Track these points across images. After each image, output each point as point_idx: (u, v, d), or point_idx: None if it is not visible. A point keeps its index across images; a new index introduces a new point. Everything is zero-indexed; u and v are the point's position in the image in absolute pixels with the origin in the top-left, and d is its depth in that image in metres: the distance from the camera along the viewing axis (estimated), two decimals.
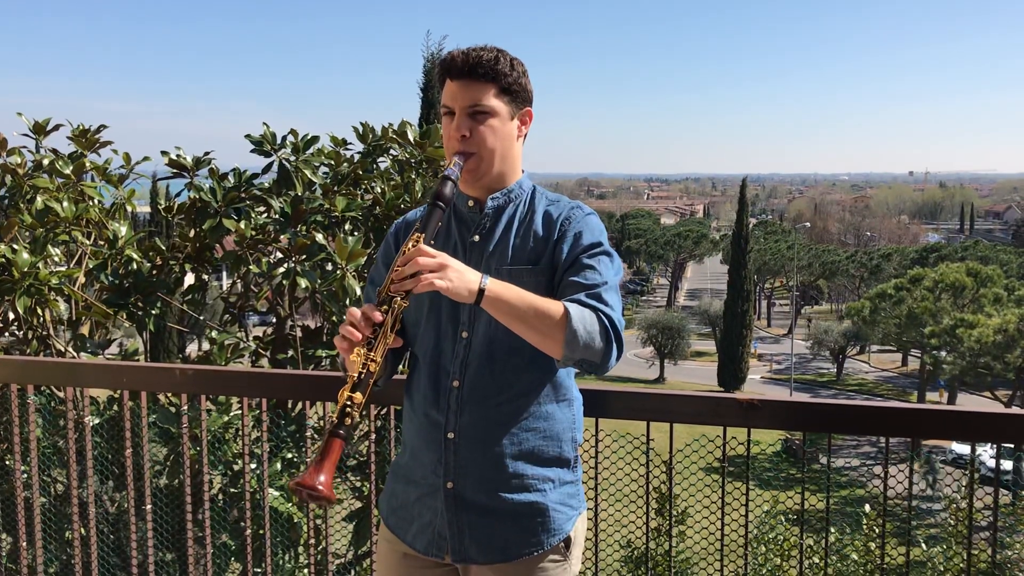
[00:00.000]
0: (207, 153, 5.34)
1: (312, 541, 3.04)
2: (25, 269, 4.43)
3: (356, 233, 5.06)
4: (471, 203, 2.06)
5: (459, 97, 1.97)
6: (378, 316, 1.78)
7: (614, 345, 1.86)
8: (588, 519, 2.47)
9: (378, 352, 1.77)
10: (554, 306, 1.82)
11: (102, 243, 5.15)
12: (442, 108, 2.03)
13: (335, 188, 5.33)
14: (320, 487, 1.68)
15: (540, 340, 1.84)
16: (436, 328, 2.02)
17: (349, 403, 1.74)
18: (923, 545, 5.12)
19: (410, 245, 1.82)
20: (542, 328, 1.81)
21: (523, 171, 2.12)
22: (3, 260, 4.48)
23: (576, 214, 2.02)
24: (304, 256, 4.84)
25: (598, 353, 1.85)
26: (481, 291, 1.78)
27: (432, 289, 1.76)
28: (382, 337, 1.78)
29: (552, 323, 1.80)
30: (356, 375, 1.76)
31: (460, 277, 1.77)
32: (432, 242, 1.86)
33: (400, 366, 2.21)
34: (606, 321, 1.85)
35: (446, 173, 1.93)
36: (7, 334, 5.04)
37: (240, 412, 3.35)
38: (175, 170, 5.27)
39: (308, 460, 3.15)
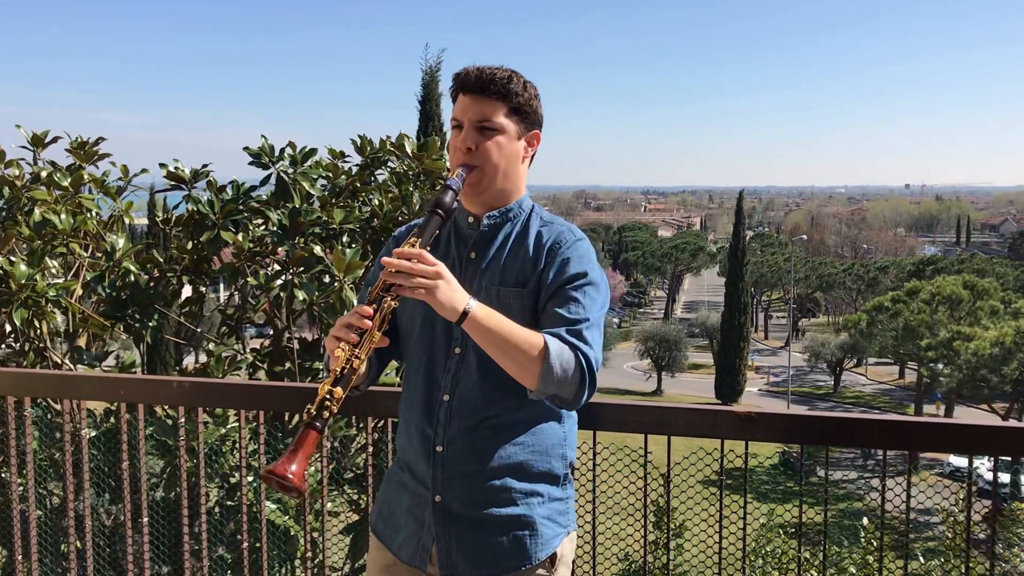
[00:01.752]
0: (205, 165, 5.35)
1: (309, 554, 3.03)
2: (22, 281, 4.43)
3: (354, 245, 5.06)
4: (471, 220, 2.07)
5: (469, 111, 1.99)
6: (368, 311, 1.79)
7: (587, 386, 1.89)
8: (586, 532, 2.47)
9: (363, 350, 1.78)
10: (534, 339, 1.84)
11: (100, 255, 5.15)
12: (452, 121, 2.05)
13: (333, 200, 5.33)
14: (291, 476, 1.67)
15: (516, 370, 1.86)
16: (430, 342, 2.03)
17: (329, 397, 1.74)
18: (921, 558, 5.10)
19: (407, 249, 1.84)
20: (520, 359, 1.84)
21: (526, 192, 2.13)
22: (0, 272, 4.48)
23: (566, 239, 2.01)
24: (302, 268, 4.84)
25: (571, 391, 1.87)
26: (465, 313, 1.80)
27: (419, 297, 1.79)
28: (368, 335, 1.78)
29: (530, 356, 1.83)
30: (339, 370, 1.76)
31: (449, 293, 1.80)
32: (428, 249, 1.87)
33: (381, 376, 2.23)
34: (583, 361, 1.87)
35: (448, 183, 1.95)
36: (4, 346, 5.04)
37: (237, 424, 3.35)
38: (173, 182, 5.28)
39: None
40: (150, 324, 4.94)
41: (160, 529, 3.79)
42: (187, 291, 5.45)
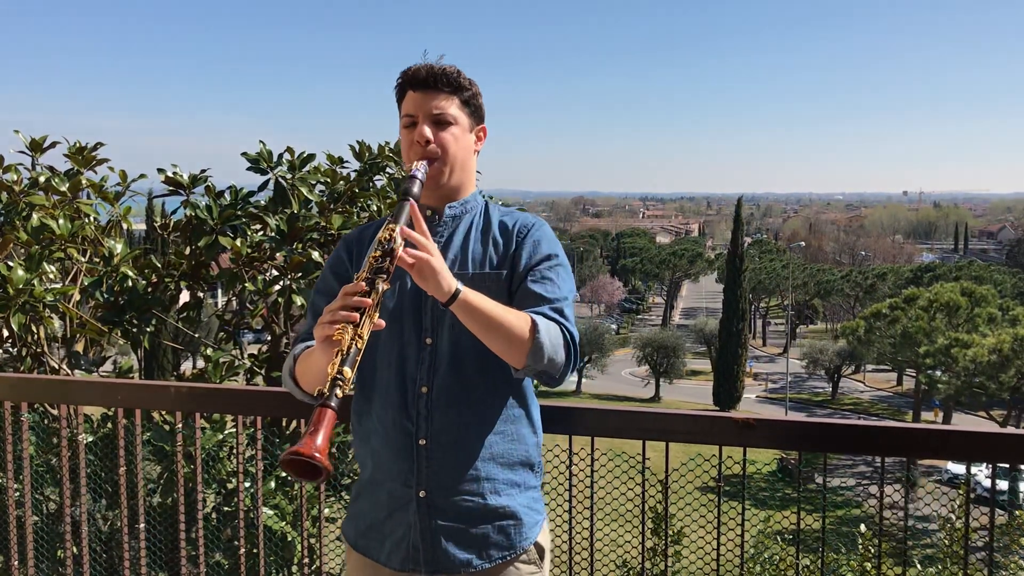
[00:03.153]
0: (203, 171, 5.35)
1: (306, 560, 3.03)
2: (20, 286, 4.42)
3: None
4: (429, 212, 2.08)
5: (423, 105, 2.02)
6: (364, 288, 1.75)
7: (572, 360, 1.93)
8: (584, 539, 2.47)
9: (364, 329, 1.74)
10: (521, 317, 1.86)
11: (97, 260, 5.15)
12: (403, 119, 2.06)
13: (331, 206, 5.34)
14: (317, 455, 1.55)
15: (505, 348, 1.86)
16: (399, 336, 2.01)
17: (339, 376, 1.68)
18: (918, 565, 5.09)
19: (385, 235, 1.81)
20: (509, 336, 1.84)
21: (476, 187, 2.16)
22: None
23: (531, 222, 2.08)
24: (300, 274, 4.85)
25: (558, 366, 1.90)
26: (456, 293, 1.80)
27: (424, 264, 1.76)
28: (368, 315, 1.75)
29: (520, 333, 1.84)
30: (344, 350, 1.71)
31: (445, 271, 1.80)
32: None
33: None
34: (568, 337, 1.91)
35: (412, 173, 1.95)
36: (1, 351, 5.03)
37: (234, 430, 3.34)
38: (171, 188, 5.28)
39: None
40: (148, 329, 4.94)
41: (157, 535, 3.78)
42: (185, 296, 5.45)
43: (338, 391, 1.67)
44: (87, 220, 5.22)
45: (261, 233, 5.24)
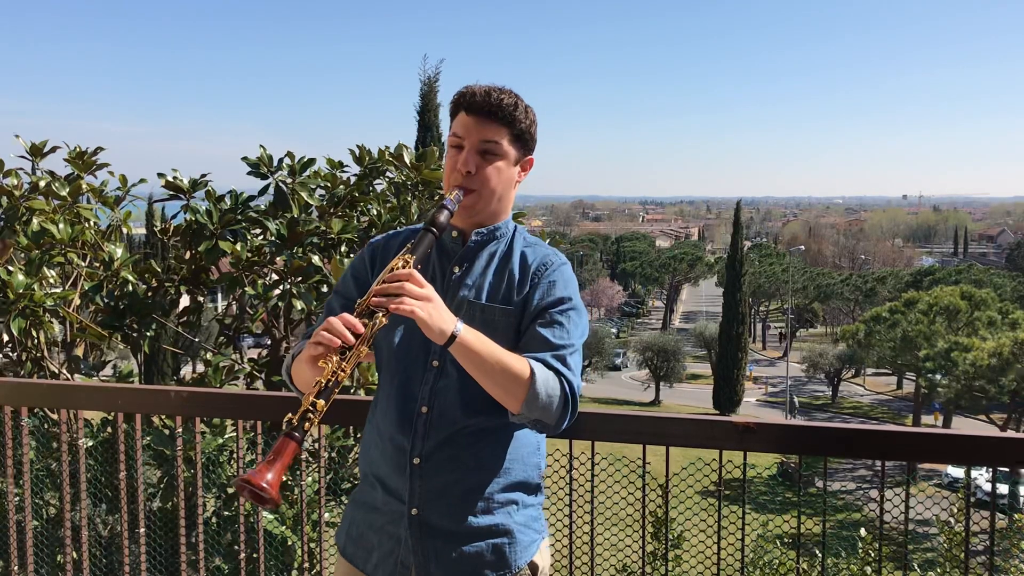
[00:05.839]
0: (203, 175, 5.35)
1: (306, 565, 3.03)
2: (20, 290, 4.42)
3: (352, 255, 5.07)
4: (455, 234, 2.07)
5: (473, 132, 1.98)
6: (360, 327, 1.75)
7: (569, 412, 1.90)
8: (584, 543, 2.46)
9: (350, 363, 1.74)
10: (520, 365, 1.84)
11: (98, 265, 5.15)
12: (451, 138, 2.03)
13: (331, 210, 5.34)
14: (266, 486, 1.61)
15: (501, 394, 1.85)
16: (406, 354, 2.01)
17: (312, 408, 1.70)
18: (918, 570, 5.10)
19: (399, 264, 1.82)
20: (505, 384, 1.83)
21: (511, 214, 2.14)
22: None
23: (552, 261, 2.04)
24: (300, 278, 4.85)
25: (553, 417, 1.88)
26: (453, 336, 1.79)
27: (410, 316, 1.76)
28: (356, 349, 1.75)
29: (516, 382, 1.83)
30: (324, 382, 1.72)
31: (438, 315, 1.78)
32: (419, 267, 1.85)
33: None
34: (567, 388, 1.88)
35: (444, 203, 1.93)
36: (1, 356, 5.03)
37: (235, 434, 3.34)
38: (171, 192, 5.28)
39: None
40: (148, 334, 4.94)
41: (157, 539, 3.78)
42: (185, 301, 5.45)
43: (306, 424, 1.70)
44: (87, 224, 5.23)
45: (261, 237, 5.25)
